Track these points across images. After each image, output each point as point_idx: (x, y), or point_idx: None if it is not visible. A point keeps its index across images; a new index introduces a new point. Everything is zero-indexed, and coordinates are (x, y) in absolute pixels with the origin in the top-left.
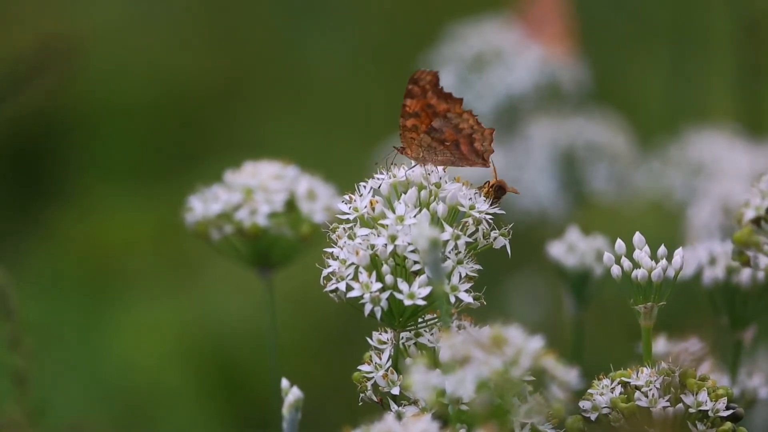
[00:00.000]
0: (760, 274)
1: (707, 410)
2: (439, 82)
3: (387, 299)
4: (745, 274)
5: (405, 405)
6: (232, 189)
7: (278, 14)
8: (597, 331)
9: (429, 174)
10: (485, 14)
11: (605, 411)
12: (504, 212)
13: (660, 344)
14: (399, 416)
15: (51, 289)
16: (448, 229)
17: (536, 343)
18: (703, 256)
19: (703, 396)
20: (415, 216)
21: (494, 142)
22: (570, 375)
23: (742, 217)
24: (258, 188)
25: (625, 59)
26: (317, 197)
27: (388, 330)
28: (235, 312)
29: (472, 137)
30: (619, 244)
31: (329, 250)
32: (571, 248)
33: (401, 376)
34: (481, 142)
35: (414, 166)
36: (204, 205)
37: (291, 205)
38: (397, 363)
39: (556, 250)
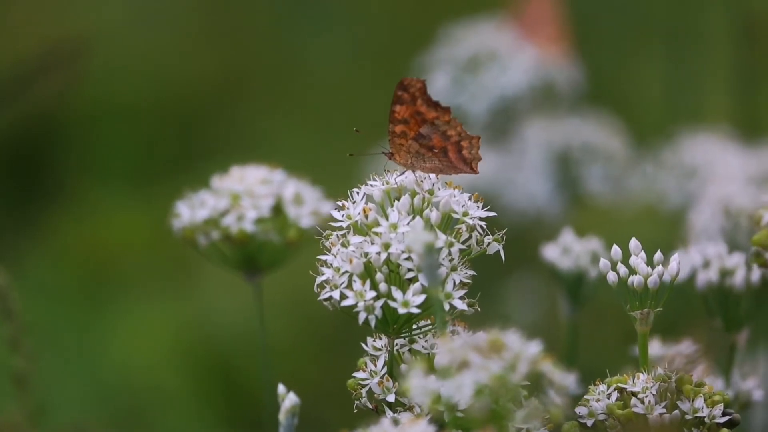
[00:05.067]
0: (754, 277)
1: (704, 416)
2: (427, 90)
3: (381, 307)
4: (739, 276)
5: (400, 411)
6: (219, 194)
7: (278, 15)
8: (592, 333)
9: (422, 180)
10: (480, 15)
11: (601, 417)
12: (496, 214)
13: (654, 347)
14: (395, 422)
15: (48, 290)
16: (442, 236)
17: (534, 347)
18: (696, 259)
19: (699, 402)
20: (408, 223)
21: (481, 149)
22: (568, 380)
23: (760, 219)
24: (245, 193)
25: (620, 60)
26: (304, 201)
27: (383, 336)
28: (232, 314)
29: (459, 144)
30: (615, 249)
31: (323, 257)
32: (566, 250)
33: (396, 382)
34: (468, 150)
35: (404, 173)
36: (191, 211)
37: (278, 209)
38: (392, 369)
39: (551, 252)
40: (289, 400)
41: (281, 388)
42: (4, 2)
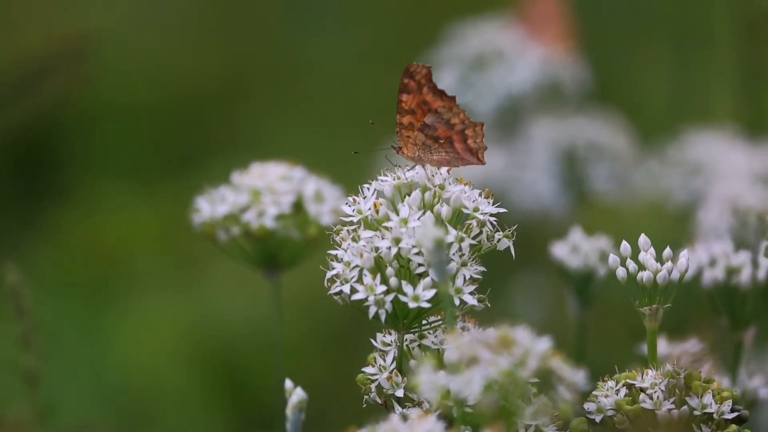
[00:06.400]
0: (761, 275)
1: (712, 412)
2: (432, 76)
3: (391, 302)
4: (745, 274)
5: (409, 407)
6: (240, 190)
7: (282, 14)
8: (599, 331)
9: (432, 175)
10: (486, 14)
11: (610, 413)
12: (506, 211)
13: (661, 345)
14: (404, 418)
15: (54, 288)
16: (452, 232)
17: (544, 344)
18: (703, 257)
19: (707, 398)
20: (419, 218)
21: (486, 137)
22: (577, 376)
23: None
24: (265, 190)
25: (626, 59)
26: (325, 199)
27: (392, 332)
28: (238, 312)
29: (464, 133)
30: (624, 245)
31: (333, 252)
32: (575, 249)
33: (405, 378)
34: (473, 139)
35: (414, 167)
36: (211, 206)
37: (298, 206)
38: (401, 365)
39: (560, 250)
40: (296, 395)
41: (288, 384)
42: (9, 1)
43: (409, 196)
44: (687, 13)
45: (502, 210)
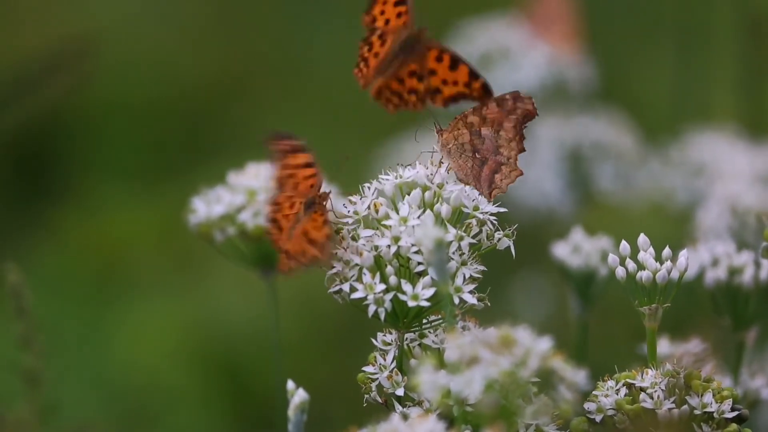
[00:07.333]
0: (763, 274)
1: (712, 412)
2: (528, 121)
3: (391, 300)
4: (747, 274)
5: (409, 406)
6: (235, 190)
7: (283, 12)
8: (600, 331)
9: (433, 175)
10: (493, 13)
11: (610, 413)
12: (506, 210)
13: (663, 345)
14: (404, 417)
15: (55, 288)
16: (452, 230)
17: (545, 343)
18: (705, 257)
19: (708, 397)
20: (418, 217)
21: (513, 183)
22: (578, 376)
23: None
24: (261, 189)
25: (628, 58)
26: None
27: (393, 331)
28: (239, 312)
29: (500, 166)
30: (624, 245)
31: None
32: (576, 249)
33: (406, 377)
34: (502, 176)
35: (416, 171)
36: (207, 206)
37: None
38: (402, 364)
39: (561, 250)
40: (298, 396)
41: (290, 384)
42: (9, 0)
43: (409, 195)
44: (689, 13)
45: (502, 209)
